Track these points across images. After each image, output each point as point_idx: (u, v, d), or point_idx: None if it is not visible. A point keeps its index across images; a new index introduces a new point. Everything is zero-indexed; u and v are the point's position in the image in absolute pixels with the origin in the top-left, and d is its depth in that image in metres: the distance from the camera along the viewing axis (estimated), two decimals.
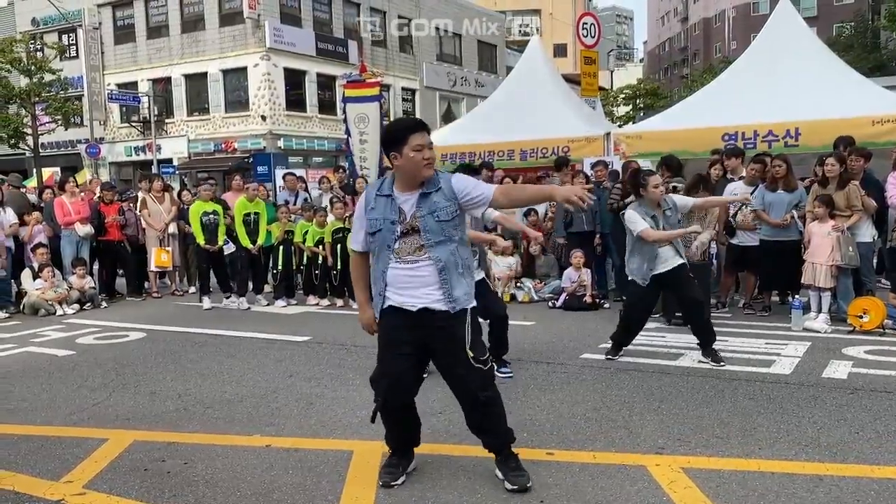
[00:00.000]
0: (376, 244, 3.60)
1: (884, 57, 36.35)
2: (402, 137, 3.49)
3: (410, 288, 3.55)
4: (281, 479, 3.82)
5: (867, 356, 6.10)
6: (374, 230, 3.58)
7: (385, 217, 3.56)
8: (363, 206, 3.66)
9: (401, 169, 3.53)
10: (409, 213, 3.54)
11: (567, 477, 3.72)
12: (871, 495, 3.41)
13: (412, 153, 3.47)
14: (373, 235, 3.60)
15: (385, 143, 3.60)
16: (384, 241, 3.56)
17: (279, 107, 30.42)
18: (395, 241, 3.54)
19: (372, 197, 3.63)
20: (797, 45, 11.07)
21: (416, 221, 3.53)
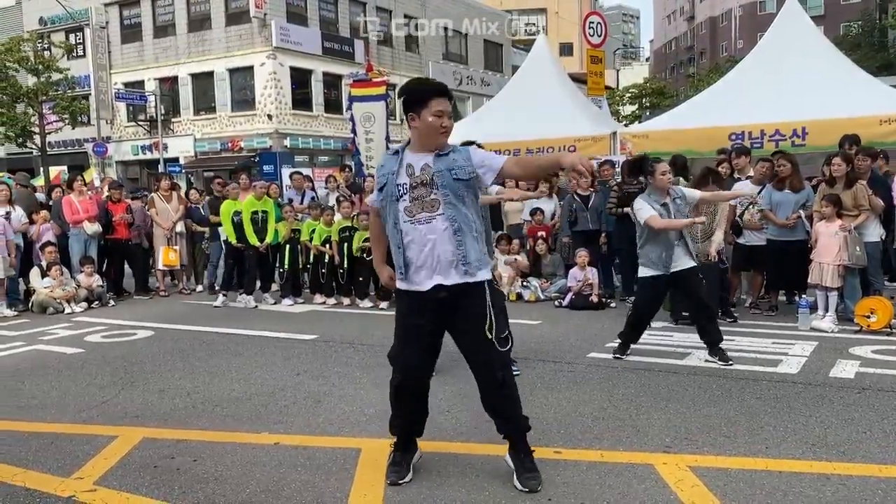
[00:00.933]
0: (385, 200, 3.60)
1: (891, 56, 36.20)
2: (424, 100, 3.46)
3: (425, 255, 3.51)
4: (290, 477, 3.84)
5: (875, 356, 6.10)
6: (381, 185, 3.60)
7: (390, 171, 3.57)
8: (378, 169, 3.74)
9: (417, 131, 3.52)
10: (420, 167, 3.51)
11: (575, 475, 3.73)
12: (878, 494, 3.42)
13: (431, 118, 3.45)
14: (380, 191, 3.61)
15: (405, 102, 3.54)
16: (390, 196, 3.55)
17: (285, 106, 30.48)
18: (403, 194, 3.51)
19: (384, 157, 3.74)
20: (804, 44, 11.05)
21: (432, 176, 3.49)
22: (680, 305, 7.61)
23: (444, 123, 3.47)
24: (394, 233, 3.57)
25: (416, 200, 3.50)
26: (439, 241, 3.49)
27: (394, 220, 3.56)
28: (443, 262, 3.51)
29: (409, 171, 3.52)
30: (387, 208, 3.60)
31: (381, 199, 3.62)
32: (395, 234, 3.56)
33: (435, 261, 3.51)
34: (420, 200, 3.49)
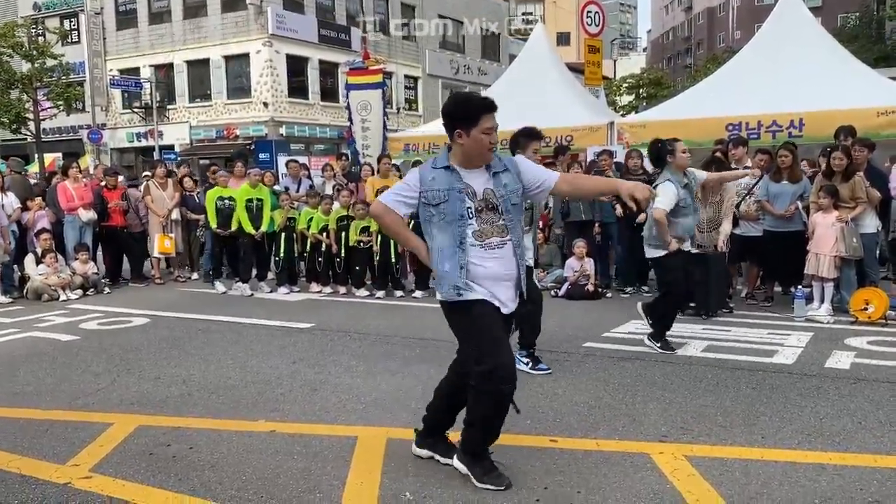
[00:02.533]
0: (441, 217, 3.39)
1: (888, 48, 36.15)
2: (475, 117, 3.34)
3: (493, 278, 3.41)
4: (286, 465, 3.83)
5: (870, 347, 6.12)
6: (438, 201, 3.38)
7: (450, 187, 3.38)
8: (417, 182, 3.45)
9: (463, 147, 3.39)
10: (482, 189, 3.41)
11: (571, 464, 3.74)
12: (873, 484, 3.43)
13: (481, 135, 3.34)
14: (435, 207, 3.39)
15: (453, 117, 3.40)
16: (454, 212, 3.36)
17: (281, 93, 30.38)
18: (471, 217, 3.37)
19: (429, 170, 3.46)
20: (802, 35, 11.03)
21: (496, 199, 3.41)
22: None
23: (492, 140, 3.38)
24: (452, 252, 3.39)
25: (486, 224, 3.39)
26: (504, 269, 3.44)
27: (459, 241, 3.37)
28: (507, 288, 3.48)
29: (470, 193, 3.39)
30: (440, 225, 3.41)
31: (435, 216, 3.40)
32: (454, 255, 3.39)
33: (504, 287, 3.46)
34: (491, 225, 3.40)
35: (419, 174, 3.50)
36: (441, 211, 3.39)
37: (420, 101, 37.43)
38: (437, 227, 3.44)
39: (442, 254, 3.42)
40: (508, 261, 3.44)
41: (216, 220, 9.89)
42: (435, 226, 3.44)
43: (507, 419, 4.14)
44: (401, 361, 5.96)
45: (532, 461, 3.78)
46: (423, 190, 3.43)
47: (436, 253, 3.46)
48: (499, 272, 3.43)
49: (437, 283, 3.52)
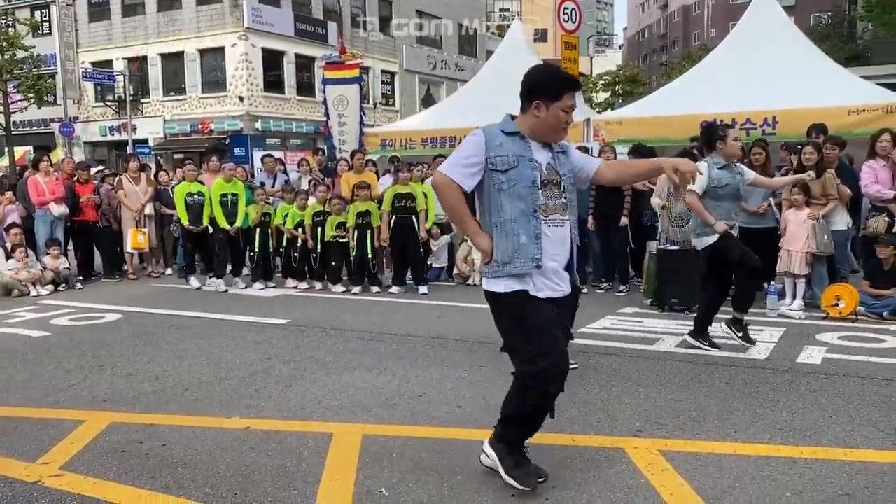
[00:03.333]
0: (512, 184, 3.18)
1: (860, 47, 36.62)
2: (558, 92, 3.18)
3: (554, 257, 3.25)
4: (260, 461, 3.80)
5: (841, 342, 6.21)
6: (508, 167, 3.18)
7: (520, 154, 3.21)
8: (482, 144, 3.22)
9: (538, 121, 3.21)
10: (545, 164, 3.26)
11: (546, 459, 3.73)
12: (843, 477, 3.48)
13: (560, 112, 3.20)
14: (504, 173, 3.19)
15: (535, 88, 3.23)
16: (524, 179, 3.18)
17: (257, 88, 30.14)
18: (539, 188, 3.20)
19: (495, 133, 3.24)
20: (775, 33, 11.14)
21: (560, 177, 3.29)
22: (670, 290, 7.69)
23: (569, 120, 3.26)
24: (526, 221, 3.19)
25: (549, 200, 3.24)
26: (562, 247, 3.29)
27: (532, 209, 3.19)
28: (563, 268, 3.33)
29: (537, 166, 3.24)
30: (510, 193, 3.19)
31: (505, 182, 3.19)
32: (528, 223, 3.19)
33: (561, 265, 3.32)
34: (554, 202, 3.25)
35: (484, 136, 3.23)
36: (511, 177, 3.18)
37: (397, 96, 37.33)
38: (507, 196, 3.19)
39: (516, 224, 3.19)
40: (566, 240, 3.30)
41: (187, 215, 9.76)
42: (505, 194, 3.19)
43: (486, 416, 4.15)
44: (377, 358, 5.94)
45: None
46: (490, 154, 3.21)
47: (508, 225, 3.20)
48: (560, 250, 3.28)
49: (502, 261, 3.21)
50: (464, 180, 3.21)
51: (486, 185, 3.24)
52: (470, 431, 4.17)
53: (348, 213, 9.46)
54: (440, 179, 3.25)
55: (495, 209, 3.24)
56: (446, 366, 5.65)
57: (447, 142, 12.48)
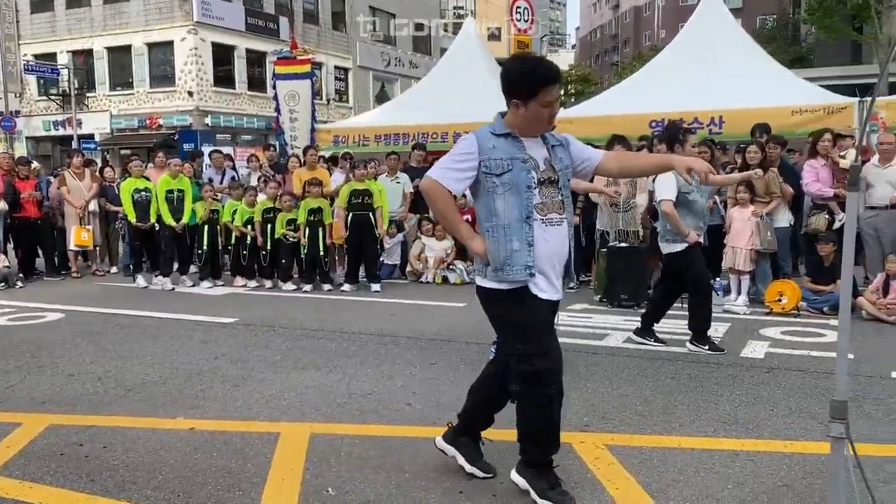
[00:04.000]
0: (507, 188, 3.10)
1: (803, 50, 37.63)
2: (535, 90, 3.06)
3: (551, 260, 3.17)
4: (205, 462, 3.73)
5: (783, 336, 6.36)
6: (503, 170, 3.09)
7: (513, 156, 3.11)
8: (475, 148, 3.12)
9: (521, 118, 3.13)
10: (542, 160, 3.18)
11: (494, 455, 3.73)
12: (783, 469, 3.56)
13: (541, 108, 3.09)
14: (498, 177, 3.10)
15: (510, 86, 3.13)
16: (519, 183, 3.09)
17: (207, 83, 29.63)
18: (535, 187, 3.12)
19: (487, 136, 3.15)
20: (722, 35, 11.36)
21: (556, 173, 3.20)
22: (620, 287, 7.78)
23: (552, 112, 3.14)
24: (519, 227, 3.10)
25: (547, 198, 3.15)
26: (561, 247, 3.21)
27: (526, 214, 3.10)
28: (559, 270, 3.25)
29: (533, 165, 3.15)
30: (505, 197, 3.10)
31: (500, 186, 3.10)
32: (521, 230, 3.10)
33: (557, 267, 3.23)
34: (551, 200, 3.16)
35: (476, 140, 3.14)
36: (505, 181, 3.10)
37: (351, 92, 37.09)
38: (501, 200, 3.11)
39: (509, 229, 3.10)
40: (564, 239, 3.22)
41: (134, 212, 9.55)
42: (500, 198, 3.11)
43: (436, 413, 4.15)
44: (326, 356, 5.89)
45: None
46: (484, 158, 3.12)
47: (500, 231, 3.11)
48: (558, 250, 3.20)
49: (495, 266, 3.13)
50: (453, 185, 3.13)
51: (481, 189, 3.17)
52: (419, 429, 4.16)
53: (299, 210, 9.35)
54: (429, 184, 3.16)
55: (488, 213, 3.16)
56: (397, 364, 5.63)
57: (400, 139, 12.45)
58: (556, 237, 3.18)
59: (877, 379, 5.06)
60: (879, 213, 7.61)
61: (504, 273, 3.11)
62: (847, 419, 2.21)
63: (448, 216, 3.23)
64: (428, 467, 3.60)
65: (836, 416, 2.21)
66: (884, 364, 5.44)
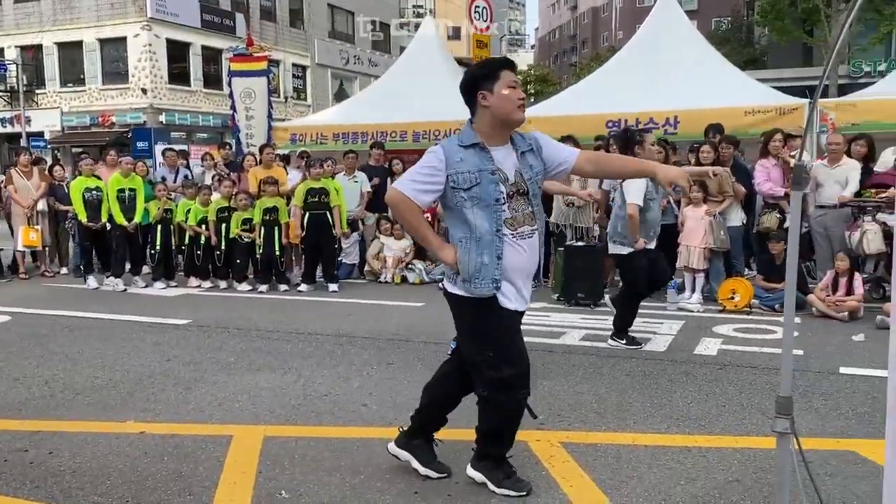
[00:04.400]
0: (475, 202, 3.05)
1: (757, 51, 38.43)
2: (494, 73, 3.10)
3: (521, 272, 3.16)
4: (155, 467, 3.65)
5: (735, 334, 6.47)
6: (470, 184, 3.04)
7: (481, 168, 3.06)
8: (442, 162, 3.08)
9: (490, 110, 3.09)
10: (512, 171, 3.13)
11: (449, 455, 3.72)
12: (734, 464, 3.61)
13: (506, 90, 3.07)
14: (466, 191, 3.05)
15: (472, 82, 3.14)
16: (487, 196, 3.05)
17: (161, 80, 29.12)
18: (503, 202, 3.07)
19: (454, 149, 3.10)
20: (678, 36, 11.50)
21: (525, 183, 3.15)
22: (577, 286, 7.83)
23: (520, 95, 3.12)
24: (490, 241, 3.06)
25: (517, 212, 3.11)
26: (532, 258, 3.19)
27: (495, 228, 3.06)
28: (528, 281, 3.23)
29: (502, 177, 3.10)
30: (474, 211, 3.06)
31: (468, 201, 3.06)
32: (492, 243, 3.06)
33: (526, 278, 3.21)
34: (521, 213, 3.12)
35: (444, 153, 3.10)
36: (473, 195, 3.06)
37: (309, 90, 36.79)
38: (471, 213, 3.07)
39: (479, 243, 3.07)
40: (534, 252, 3.19)
41: (85, 212, 9.33)
42: (469, 212, 3.07)
43: (393, 414, 4.13)
44: (282, 357, 5.81)
45: None
46: (451, 172, 3.08)
47: (471, 243, 3.08)
48: (527, 265, 3.17)
49: (463, 277, 3.11)
50: (417, 196, 3.10)
51: (450, 202, 3.13)
52: (375, 430, 4.13)
53: (255, 210, 9.23)
54: (395, 196, 3.14)
55: (459, 225, 3.13)
56: (354, 364, 5.58)
57: (359, 137, 12.35)
58: (527, 250, 3.15)
59: (825, 374, 5.17)
60: (828, 213, 7.79)
61: (472, 286, 3.10)
62: (792, 415, 2.25)
63: (417, 227, 3.21)
64: (383, 468, 3.57)
65: (781, 411, 2.25)
66: (832, 360, 5.57)
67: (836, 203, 7.68)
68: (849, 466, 3.55)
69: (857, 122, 9.15)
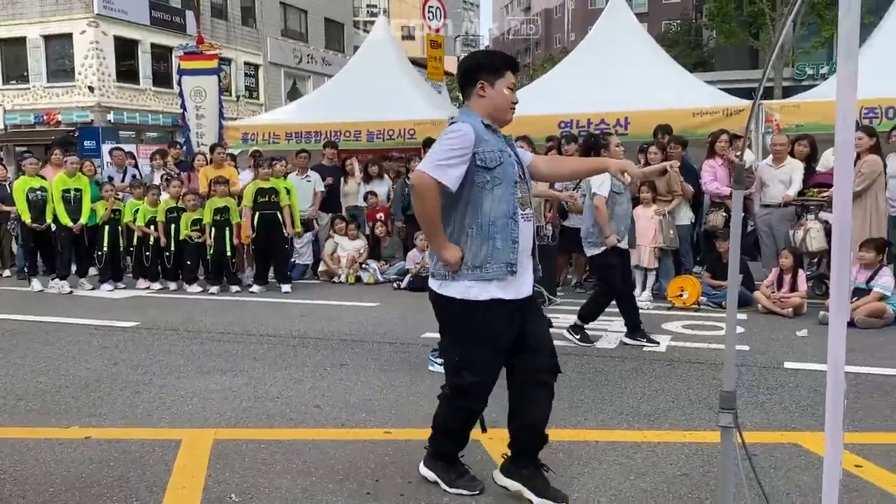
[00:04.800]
0: (497, 182, 3.00)
1: (705, 54, 39.23)
2: (499, 70, 3.10)
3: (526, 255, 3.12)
4: (101, 473, 3.57)
5: (684, 330, 6.59)
6: (496, 164, 3.00)
7: (501, 149, 3.06)
8: (471, 139, 2.97)
9: (486, 102, 3.10)
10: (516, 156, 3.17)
11: (404, 455, 3.73)
12: (682, 459, 3.67)
13: (506, 90, 3.11)
14: (490, 171, 2.99)
15: (476, 68, 3.14)
16: (509, 177, 3.03)
17: (109, 78, 28.45)
18: (518, 182, 3.07)
19: (480, 127, 3.04)
20: (628, 38, 11.67)
21: (524, 170, 3.20)
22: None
23: (514, 99, 3.15)
24: (505, 224, 3.01)
25: (525, 194, 3.12)
26: (531, 239, 3.18)
27: (512, 210, 3.02)
28: (527, 264, 3.16)
29: (515, 160, 3.13)
30: (494, 192, 3.00)
31: (490, 181, 2.99)
32: (506, 227, 3.01)
33: (528, 259, 3.16)
34: (525, 195, 3.12)
35: (473, 130, 2.99)
36: (497, 176, 3.00)
37: (261, 89, 36.35)
38: (489, 196, 2.99)
39: (493, 227, 2.99)
40: (531, 233, 3.18)
41: (29, 213, 9.08)
42: (489, 193, 2.99)
43: (345, 415, 4.10)
44: (232, 359, 5.74)
45: (365, 454, 3.74)
46: (479, 150, 2.98)
47: (485, 229, 2.99)
48: (529, 244, 3.16)
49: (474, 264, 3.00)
50: (448, 180, 2.94)
51: (467, 184, 3.01)
52: (327, 431, 4.11)
53: (205, 210, 9.09)
54: (424, 180, 2.95)
55: (474, 210, 3.01)
56: (306, 366, 5.54)
57: (312, 137, 12.26)
58: (528, 231, 3.15)
59: (770, 369, 5.30)
60: (773, 211, 8.00)
61: (482, 271, 3.00)
62: (735, 409, 2.30)
63: (433, 219, 3.02)
64: (335, 470, 3.55)
65: (724, 406, 2.30)
66: (777, 355, 5.72)
67: (781, 202, 7.88)
68: (792, 458, 3.65)
69: (801, 123, 9.41)
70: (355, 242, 9.96)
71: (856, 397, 4.57)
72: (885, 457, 3.63)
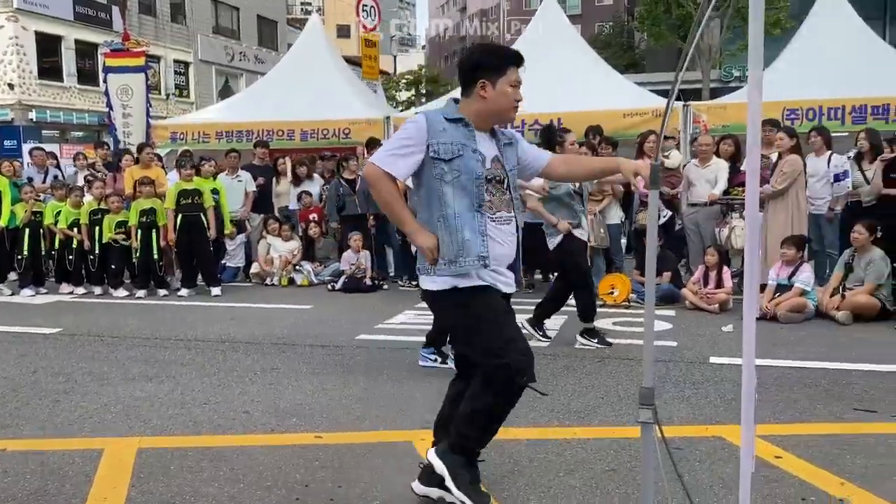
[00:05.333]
0: (456, 175, 2.92)
1: (636, 56, 40.09)
2: (501, 67, 2.96)
3: (503, 257, 3.03)
4: (16, 486, 3.42)
5: (614, 327, 6.71)
6: (452, 156, 2.91)
7: (463, 143, 2.94)
8: (423, 130, 2.93)
9: (486, 102, 2.98)
10: (490, 159, 3.01)
11: (334, 459, 3.69)
12: (611, 454, 3.73)
13: (509, 88, 2.97)
14: (447, 163, 2.92)
15: (477, 66, 3.00)
16: (468, 171, 2.93)
17: (30, 75, 27.38)
18: (483, 182, 2.95)
19: (438, 119, 2.97)
20: (561, 40, 11.82)
21: (504, 172, 3.06)
22: None
23: (518, 97, 3.01)
24: (470, 217, 2.94)
25: (495, 197, 3.00)
26: (511, 247, 3.07)
27: (477, 203, 2.95)
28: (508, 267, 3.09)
29: (480, 158, 2.98)
30: (454, 184, 2.93)
31: (448, 173, 2.92)
32: (473, 219, 2.94)
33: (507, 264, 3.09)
34: (499, 198, 3.01)
35: (426, 121, 2.96)
36: (455, 168, 2.93)
37: (192, 87, 35.54)
38: (450, 187, 2.93)
39: (460, 219, 2.92)
40: (513, 239, 3.07)
41: None
42: (448, 185, 2.93)
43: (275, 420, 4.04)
44: (158, 365, 5.58)
45: (295, 460, 3.69)
46: (433, 141, 2.93)
47: (451, 220, 2.93)
48: (506, 250, 3.05)
49: (448, 258, 2.93)
50: (395, 163, 2.93)
51: (426, 176, 2.98)
52: (256, 437, 4.04)
53: (130, 212, 8.83)
54: (371, 171, 2.96)
55: (437, 201, 2.96)
56: (235, 371, 5.43)
57: (243, 136, 12.03)
58: (505, 236, 3.04)
59: (696, 364, 5.44)
60: (699, 210, 8.21)
61: (457, 266, 2.93)
62: (655, 404, 2.34)
63: (394, 205, 2.99)
64: (263, 476, 3.49)
65: (644, 402, 2.34)
66: (703, 350, 5.87)
67: (707, 201, 8.10)
68: (716, 451, 3.74)
69: (728, 123, 9.69)
70: (289, 244, 9.83)
71: (777, 390, 4.73)
72: (804, 447, 3.76)
